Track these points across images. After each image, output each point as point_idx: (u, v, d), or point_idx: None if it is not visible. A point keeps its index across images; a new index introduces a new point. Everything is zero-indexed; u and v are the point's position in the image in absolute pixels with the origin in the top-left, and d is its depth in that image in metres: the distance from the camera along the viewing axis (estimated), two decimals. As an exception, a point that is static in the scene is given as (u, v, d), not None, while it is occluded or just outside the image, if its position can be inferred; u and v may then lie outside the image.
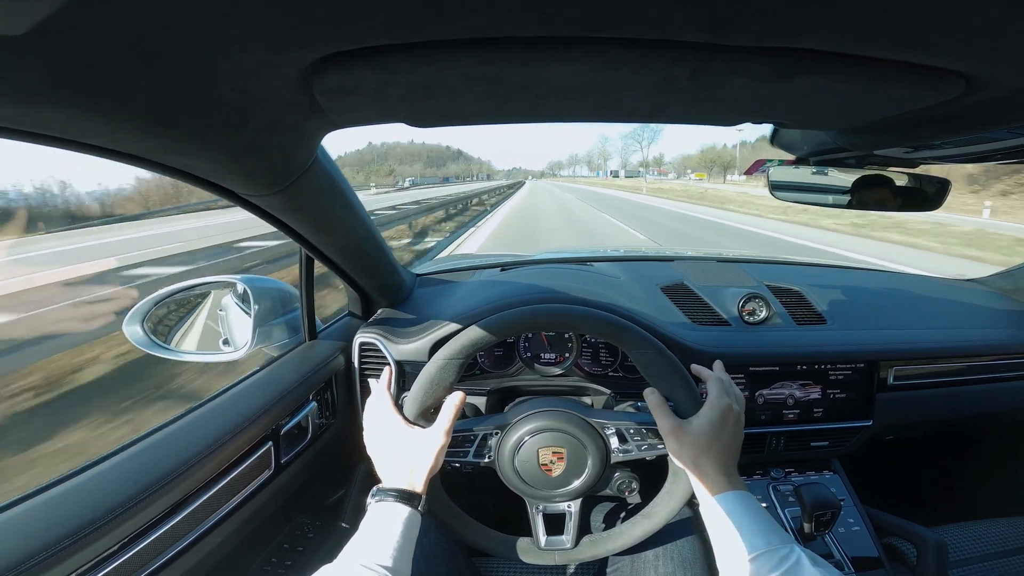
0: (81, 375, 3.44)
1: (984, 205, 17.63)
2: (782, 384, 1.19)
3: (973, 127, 0.58)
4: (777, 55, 0.41)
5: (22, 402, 3.07)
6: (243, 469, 0.86)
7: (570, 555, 0.87)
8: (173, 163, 0.54)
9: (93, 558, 0.60)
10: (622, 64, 0.42)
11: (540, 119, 0.60)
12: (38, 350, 3.51)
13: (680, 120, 0.62)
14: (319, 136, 0.63)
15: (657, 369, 0.81)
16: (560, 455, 0.84)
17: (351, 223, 0.92)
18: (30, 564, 0.54)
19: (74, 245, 11.77)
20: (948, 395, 1.28)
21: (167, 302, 1.09)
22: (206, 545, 0.78)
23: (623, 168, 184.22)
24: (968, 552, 1.15)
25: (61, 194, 43.92)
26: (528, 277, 1.41)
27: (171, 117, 0.44)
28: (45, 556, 0.55)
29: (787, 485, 1.19)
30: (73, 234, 14.90)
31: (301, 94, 0.46)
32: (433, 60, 0.41)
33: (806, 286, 1.38)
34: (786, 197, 1.00)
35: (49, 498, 0.63)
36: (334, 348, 1.17)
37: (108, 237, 13.48)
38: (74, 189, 48.32)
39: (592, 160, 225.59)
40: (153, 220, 20.42)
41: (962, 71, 0.43)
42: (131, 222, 19.38)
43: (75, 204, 41.32)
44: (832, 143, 0.76)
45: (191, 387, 3.25)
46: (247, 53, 0.37)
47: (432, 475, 0.76)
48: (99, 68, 0.34)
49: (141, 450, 0.75)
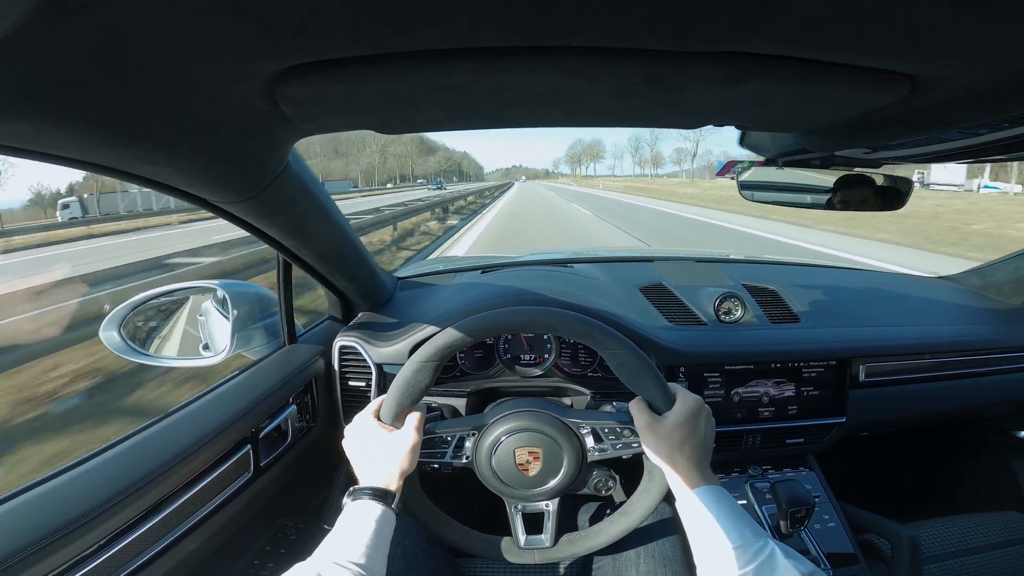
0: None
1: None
2: (757, 382, 1.21)
3: (925, 128, 0.59)
4: (729, 60, 0.42)
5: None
6: (222, 472, 0.86)
7: (549, 554, 0.88)
8: (144, 172, 0.55)
9: (70, 559, 0.61)
10: (581, 72, 0.43)
11: (509, 125, 0.61)
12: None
13: (646, 124, 0.63)
14: (289, 143, 0.64)
15: (629, 368, 0.82)
16: (536, 455, 0.85)
17: (327, 227, 0.93)
18: (7, 564, 0.55)
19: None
20: (920, 391, 1.30)
21: (145, 307, 1.09)
22: (185, 547, 0.78)
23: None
24: (942, 548, 1.17)
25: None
26: (508, 279, 1.42)
27: (139, 128, 0.45)
28: (22, 557, 0.56)
29: (764, 482, 1.20)
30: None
31: (268, 103, 0.46)
32: (394, 71, 0.41)
33: (783, 285, 1.40)
34: (757, 197, 1.01)
35: (27, 500, 0.64)
36: (314, 352, 1.17)
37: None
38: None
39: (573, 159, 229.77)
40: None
41: (907, 72, 0.44)
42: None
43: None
44: (796, 144, 0.78)
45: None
46: (212, 64, 0.38)
47: (406, 474, 0.77)
48: (64, 82, 0.35)
49: (119, 453, 0.75)
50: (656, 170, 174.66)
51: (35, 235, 20.52)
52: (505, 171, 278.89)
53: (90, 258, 11.00)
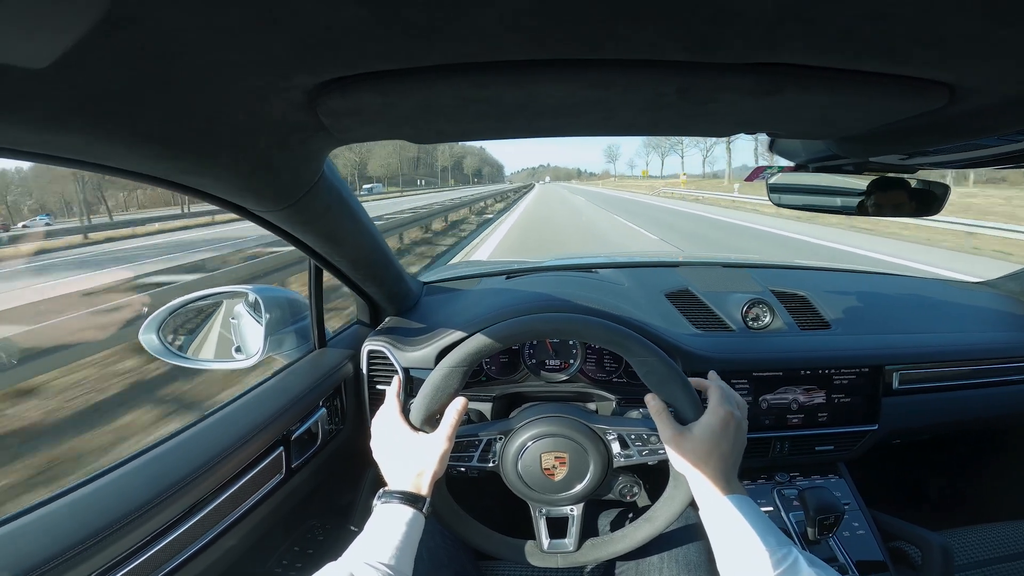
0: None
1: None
2: (786, 389, 1.20)
3: (962, 135, 0.58)
4: (762, 71, 0.42)
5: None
6: (255, 473, 0.88)
7: (573, 558, 0.88)
8: (188, 183, 0.57)
9: (112, 559, 0.62)
10: (611, 84, 0.44)
11: (539, 134, 0.62)
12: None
13: (675, 132, 0.64)
14: (325, 152, 0.66)
15: (657, 376, 0.82)
16: (563, 460, 0.85)
17: (359, 234, 0.94)
18: (56, 563, 0.57)
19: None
20: (955, 399, 1.28)
21: (181, 312, 1.12)
22: (219, 548, 0.80)
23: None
24: (974, 556, 1.14)
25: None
26: (533, 285, 1.43)
27: (184, 140, 0.47)
28: (69, 556, 0.58)
29: (791, 489, 1.19)
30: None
31: (308, 115, 0.48)
32: (430, 84, 0.42)
33: (813, 291, 1.38)
34: (787, 201, 1.00)
35: (72, 500, 0.66)
36: (343, 356, 1.19)
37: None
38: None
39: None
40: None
41: (945, 81, 0.44)
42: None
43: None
44: (829, 150, 0.77)
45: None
46: (254, 77, 0.40)
47: (436, 479, 0.79)
48: (114, 95, 0.37)
49: (158, 455, 0.78)
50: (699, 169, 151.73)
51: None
52: (531, 171, 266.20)
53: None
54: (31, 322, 4.27)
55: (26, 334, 3.96)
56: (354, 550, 0.68)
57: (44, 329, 4.12)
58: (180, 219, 24.69)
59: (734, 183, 27.90)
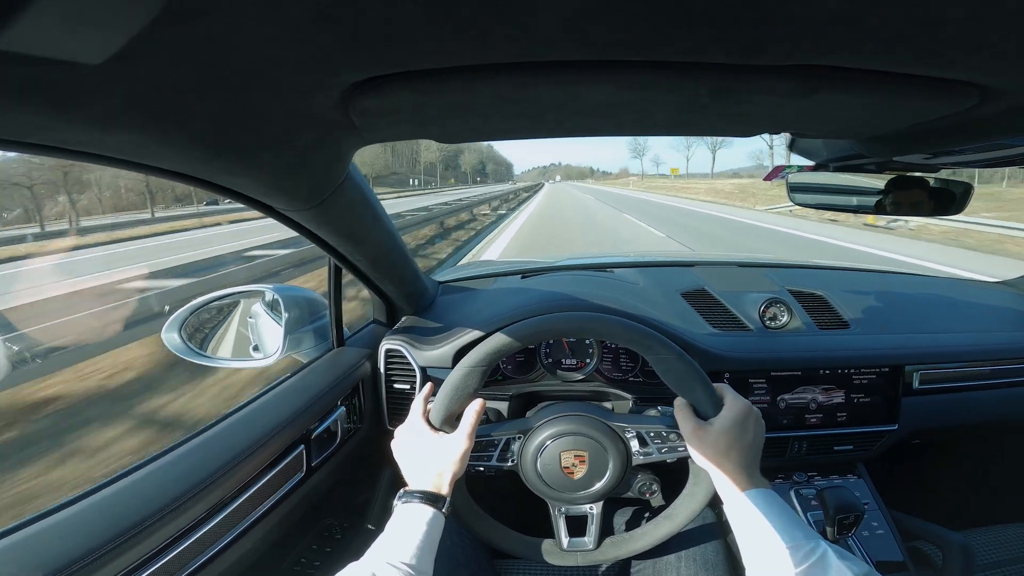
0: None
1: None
2: (804, 389, 1.19)
3: (990, 135, 0.58)
4: (799, 72, 0.42)
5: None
6: (277, 472, 0.89)
7: (592, 556, 0.88)
8: (226, 183, 0.58)
9: (138, 559, 0.63)
10: (648, 85, 0.44)
11: (567, 134, 0.62)
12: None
13: (705, 133, 0.64)
14: (352, 151, 0.66)
15: (676, 374, 0.82)
16: (582, 458, 0.86)
17: (379, 234, 0.95)
18: (84, 563, 0.57)
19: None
20: (975, 399, 1.27)
21: (202, 311, 1.13)
22: (243, 545, 0.80)
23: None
24: (995, 556, 1.14)
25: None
26: (548, 284, 1.43)
27: (228, 137, 0.47)
28: (98, 555, 0.58)
29: (810, 489, 1.18)
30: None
31: (340, 114, 0.48)
32: (469, 83, 0.43)
33: (831, 291, 1.37)
34: (806, 200, 1.00)
35: (99, 500, 0.66)
36: (361, 355, 1.20)
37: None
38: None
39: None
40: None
41: (975, 82, 0.44)
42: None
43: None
44: (851, 150, 0.77)
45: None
46: (300, 74, 0.40)
47: (456, 478, 0.79)
48: (168, 91, 0.37)
49: (184, 453, 0.78)
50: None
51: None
52: (542, 169, 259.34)
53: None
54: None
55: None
56: (375, 550, 0.68)
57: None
58: (148, 224, 23.30)
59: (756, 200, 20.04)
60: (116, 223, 25.79)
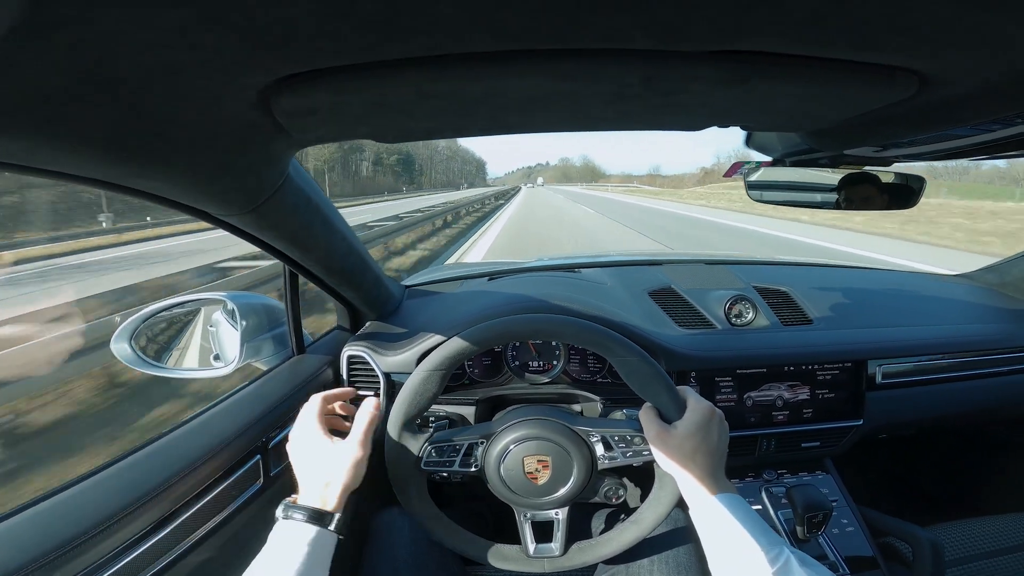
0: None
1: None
2: (770, 386, 1.19)
3: (935, 125, 0.58)
4: (729, 59, 0.41)
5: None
6: (233, 481, 0.86)
7: (559, 562, 0.87)
8: (142, 187, 0.55)
9: (83, 568, 0.60)
10: (574, 75, 0.42)
11: (504, 131, 0.61)
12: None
13: (647, 127, 0.62)
14: (288, 154, 0.64)
15: (638, 376, 0.81)
16: (545, 463, 0.84)
17: (331, 238, 0.93)
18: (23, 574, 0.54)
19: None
20: (938, 392, 1.28)
21: (155, 320, 1.10)
22: (197, 557, 0.78)
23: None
24: (964, 551, 1.15)
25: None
26: (515, 286, 1.42)
27: (134, 143, 0.45)
28: (38, 566, 0.55)
29: (780, 487, 1.18)
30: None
31: (263, 115, 0.46)
32: (383, 79, 0.41)
33: (795, 287, 1.38)
34: (765, 197, 1.00)
35: (43, 509, 0.63)
36: (322, 362, 1.17)
37: None
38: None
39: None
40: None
41: (914, 69, 0.43)
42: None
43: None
44: (803, 144, 0.77)
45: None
46: (201, 79, 0.38)
47: (349, 490, 0.74)
48: (53, 98, 0.35)
49: (132, 463, 0.75)
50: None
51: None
52: (527, 170, 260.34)
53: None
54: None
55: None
56: (249, 574, 0.63)
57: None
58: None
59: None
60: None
